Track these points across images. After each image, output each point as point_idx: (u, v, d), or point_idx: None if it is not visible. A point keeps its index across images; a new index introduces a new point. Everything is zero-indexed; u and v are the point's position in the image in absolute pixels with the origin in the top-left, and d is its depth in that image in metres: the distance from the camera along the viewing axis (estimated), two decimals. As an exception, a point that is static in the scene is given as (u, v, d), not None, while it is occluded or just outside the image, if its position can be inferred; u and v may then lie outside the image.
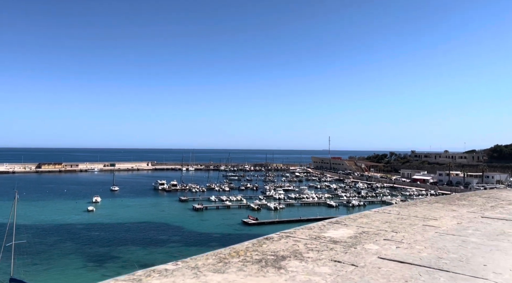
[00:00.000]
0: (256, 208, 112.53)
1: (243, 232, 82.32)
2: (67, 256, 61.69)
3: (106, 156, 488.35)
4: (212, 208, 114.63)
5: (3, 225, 72.12)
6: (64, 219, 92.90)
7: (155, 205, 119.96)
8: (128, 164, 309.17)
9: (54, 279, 50.26)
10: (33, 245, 64.75)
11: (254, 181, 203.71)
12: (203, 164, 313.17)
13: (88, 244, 69.63)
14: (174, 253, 64.45)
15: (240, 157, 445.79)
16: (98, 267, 56.19)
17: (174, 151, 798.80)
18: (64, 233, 78.42)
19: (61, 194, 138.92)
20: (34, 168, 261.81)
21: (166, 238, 75.67)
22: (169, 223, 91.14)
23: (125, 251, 64.94)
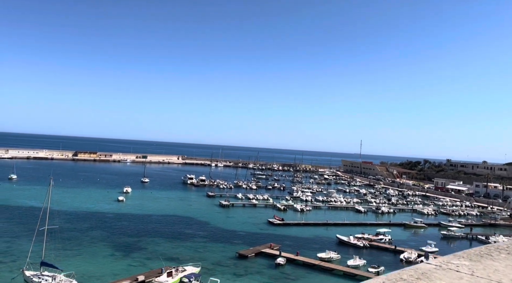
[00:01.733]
0: (283, 208, 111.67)
1: (268, 232, 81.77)
2: (96, 243, 63.38)
3: (139, 148, 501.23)
4: (238, 206, 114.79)
5: (38, 210, 75.15)
6: (95, 207, 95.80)
7: (183, 199, 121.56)
8: (159, 157, 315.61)
9: (82, 265, 51.68)
10: (64, 230, 67.05)
11: (281, 181, 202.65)
12: (231, 161, 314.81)
13: (117, 233, 71.30)
14: (199, 248, 64.86)
15: (269, 156, 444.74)
16: (125, 257, 57.32)
17: (204, 147, 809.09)
18: (94, 221, 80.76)
19: (94, 183, 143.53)
20: (71, 156, 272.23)
21: (192, 232, 76.29)
22: (195, 217, 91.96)
23: (152, 243, 65.95)
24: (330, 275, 55.10)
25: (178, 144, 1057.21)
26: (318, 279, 53.07)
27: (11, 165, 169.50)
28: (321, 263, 58.85)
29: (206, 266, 54.61)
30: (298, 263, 59.41)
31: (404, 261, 64.70)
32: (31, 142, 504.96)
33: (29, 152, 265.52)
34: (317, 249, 67.30)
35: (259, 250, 63.84)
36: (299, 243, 73.09)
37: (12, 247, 58.21)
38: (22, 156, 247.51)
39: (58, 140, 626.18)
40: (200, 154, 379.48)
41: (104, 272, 50.15)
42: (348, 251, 68.89)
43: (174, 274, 47.74)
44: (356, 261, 60.38)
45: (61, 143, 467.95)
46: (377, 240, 77.44)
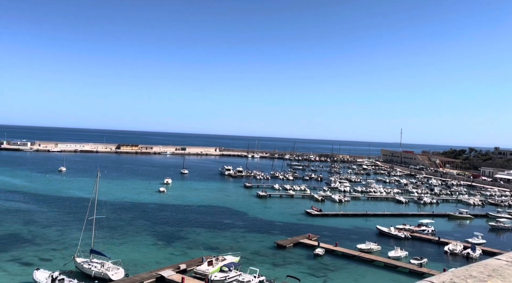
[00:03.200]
0: (320, 199, 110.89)
1: (306, 222, 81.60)
2: (140, 233, 66.03)
3: (178, 140, 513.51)
4: (275, 196, 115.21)
5: (86, 200, 79.22)
6: (138, 198, 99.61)
7: (221, 189, 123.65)
8: (198, 149, 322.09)
9: (128, 253, 54.11)
10: (111, 220, 70.36)
11: (318, 171, 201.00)
12: (268, 152, 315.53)
13: (159, 223, 73.89)
14: (238, 238, 65.94)
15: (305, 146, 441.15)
16: (167, 246, 59.36)
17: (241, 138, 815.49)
18: (138, 211, 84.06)
19: (137, 175, 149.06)
20: (114, 149, 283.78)
21: (231, 222, 77.60)
22: (233, 208, 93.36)
23: (192, 233, 67.80)
24: (370, 266, 54.30)
25: (215, 136, 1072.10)
26: (358, 270, 52.47)
27: (61, 158, 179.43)
28: (361, 254, 58.08)
29: (245, 255, 55.47)
30: (337, 254, 58.98)
31: (449, 253, 62.53)
32: (77, 136, 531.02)
33: (76, 145, 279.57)
34: (356, 240, 66.43)
35: (297, 240, 63.94)
36: (338, 234, 72.43)
37: (64, 235, 61.90)
38: (70, 150, 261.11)
39: (102, 133, 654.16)
40: (236, 146, 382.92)
41: (148, 260, 52.25)
42: (389, 242, 67.48)
43: (214, 263, 48.89)
44: (398, 252, 59.05)
45: (105, 136, 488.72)
46: (420, 231, 75.24)
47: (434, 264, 55.64)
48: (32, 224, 67.92)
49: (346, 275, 50.29)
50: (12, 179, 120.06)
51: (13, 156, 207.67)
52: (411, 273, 51.66)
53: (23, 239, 58.75)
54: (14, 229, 64.34)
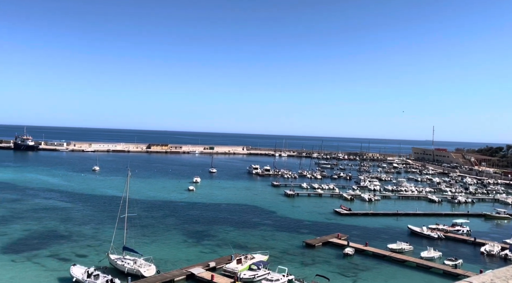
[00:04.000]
0: (349, 198, 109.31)
1: (335, 222, 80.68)
2: (170, 231, 67.37)
3: (206, 140, 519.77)
4: (303, 195, 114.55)
5: (118, 199, 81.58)
6: (168, 197, 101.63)
7: (249, 188, 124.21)
8: (225, 148, 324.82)
9: (159, 250, 55.34)
10: (142, 218, 72.21)
11: (347, 170, 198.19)
12: (295, 151, 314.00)
13: (188, 221, 75.11)
14: (266, 236, 66.05)
15: (333, 145, 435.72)
16: (197, 244, 60.26)
17: (268, 137, 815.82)
18: (167, 209, 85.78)
19: (166, 173, 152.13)
20: (144, 148, 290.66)
21: (259, 221, 77.81)
22: (262, 206, 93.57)
23: (221, 231, 68.50)
24: (402, 267, 53.05)
25: (243, 135, 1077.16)
26: (389, 270, 51.38)
27: (94, 158, 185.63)
28: (392, 254, 56.84)
29: (273, 254, 55.50)
30: (368, 253, 57.98)
31: (485, 254, 60.16)
32: (110, 136, 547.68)
33: (108, 145, 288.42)
34: (387, 240, 65.08)
35: (326, 239, 63.34)
36: (368, 233, 71.18)
37: (98, 233, 64.06)
38: (102, 149, 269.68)
39: (133, 133, 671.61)
40: (263, 145, 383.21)
41: (178, 257, 53.25)
42: (421, 242, 65.68)
43: (243, 261, 49.20)
44: (431, 253, 57.37)
45: (136, 136, 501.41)
46: (454, 232, 72.77)
47: (469, 266, 53.70)
48: (68, 222, 70.69)
49: (376, 275, 49.36)
50: (50, 178, 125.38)
51: (50, 156, 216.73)
52: (445, 275, 50.06)
53: (60, 236, 61.26)
54: (52, 226, 67.19)
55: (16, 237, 59.24)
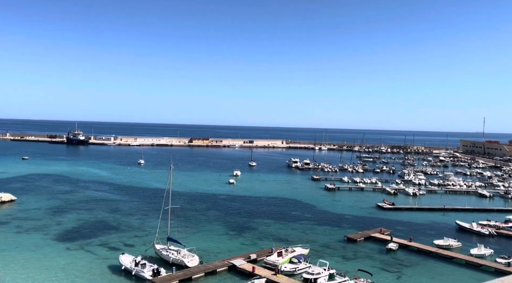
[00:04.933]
0: (393, 192, 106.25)
1: (378, 216, 78.80)
2: (212, 222, 68.90)
3: (245, 133, 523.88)
4: (344, 189, 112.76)
5: (162, 191, 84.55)
6: (209, 189, 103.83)
7: (288, 182, 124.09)
8: (265, 142, 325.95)
9: (201, 242, 56.80)
10: (185, 210, 74.38)
11: (390, 163, 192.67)
12: (336, 144, 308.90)
13: (229, 213, 76.42)
14: (306, 230, 65.83)
15: (376, 138, 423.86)
16: (238, 236, 61.23)
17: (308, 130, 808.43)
18: (209, 201, 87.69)
19: (208, 167, 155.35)
20: (187, 142, 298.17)
21: (299, 214, 77.66)
22: (302, 200, 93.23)
23: (261, 224, 69.10)
24: (449, 264, 50.96)
25: (282, 128, 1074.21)
26: (435, 267, 49.56)
27: (139, 152, 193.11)
28: (438, 251, 54.73)
29: (314, 248, 55.26)
30: (412, 249, 56.22)
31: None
32: (154, 131, 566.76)
33: (153, 139, 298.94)
34: (433, 236, 62.74)
35: (368, 234, 62.10)
36: (412, 228, 68.94)
37: (144, 223, 66.80)
38: (147, 143, 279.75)
39: (176, 128, 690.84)
40: (303, 138, 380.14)
41: (220, 248, 54.42)
42: (471, 239, 62.69)
43: (284, 254, 49.41)
44: (481, 250, 54.60)
45: (178, 131, 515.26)
46: (507, 228, 68.71)
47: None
48: (117, 213, 74.25)
49: (422, 272, 47.79)
50: (99, 171, 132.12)
51: (99, 150, 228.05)
52: (497, 273, 47.51)
53: (109, 226, 64.53)
54: (102, 216, 70.90)
55: (70, 227, 63.12)
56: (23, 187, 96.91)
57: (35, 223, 64.81)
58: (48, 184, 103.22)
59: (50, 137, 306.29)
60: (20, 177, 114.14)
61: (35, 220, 66.43)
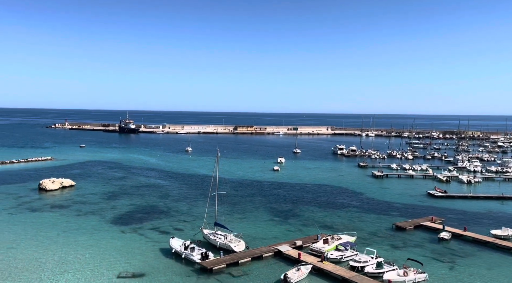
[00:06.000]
0: (445, 179, 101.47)
1: (428, 204, 75.75)
2: (258, 209, 69.76)
3: (289, 121, 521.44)
4: (393, 176, 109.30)
5: (209, 178, 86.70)
6: (254, 176, 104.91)
7: (334, 169, 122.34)
8: (309, 128, 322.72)
9: (247, 227, 57.80)
10: (231, 196, 75.85)
11: (442, 150, 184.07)
12: (384, 130, 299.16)
13: (274, 200, 76.91)
14: (353, 218, 64.82)
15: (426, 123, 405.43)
16: (283, 222, 61.58)
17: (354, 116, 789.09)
18: (254, 188, 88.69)
19: (252, 154, 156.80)
20: (231, 130, 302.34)
21: (345, 202, 76.53)
22: (347, 187, 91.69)
23: (306, 211, 68.93)
24: (508, 255, 48.07)
25: (327, 115, 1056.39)
26: (492, 258, 46.97)
27: (186, 139, 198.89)
28: (496, 241, 51.76)
29: (361, 236, 54.36)
30: (467, 239, 53.62)
31: None
32: (200, 119, 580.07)
33: (199, 127, 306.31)
34: (489, 225, 59.39)
35: (418, 222, 59.98)
36: (466, 217, 65.63)
37: (192, 209, 69.04)
38: (194, 131, 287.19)
39: (221, 116, 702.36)
40: (349, 124, 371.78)
41: (265, 234, 55.07)
42: (533, 230, 58.55)
43: (330, 241, 49.07)
44: (544, 242, 50.93)
45: (223, 118, 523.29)
46: None
47: None
48: (166, 198, 77.30)
49: (477, 262, 45.50)
50: (149, 158, 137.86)
51: (149, 138, 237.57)
52: (562, 267, 44.18)
53: (160, 211, 67.40)
54: (153, 202, 74.15)
55: (124, 211, 66.68)
56: (81, 173, 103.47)
57: (93, 207, 69.14)
58: (103, 171, 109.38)
59: (104, 126, 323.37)
60: (78, 164, 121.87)
61: (93, 204, 70.87)
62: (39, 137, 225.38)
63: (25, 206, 68.87)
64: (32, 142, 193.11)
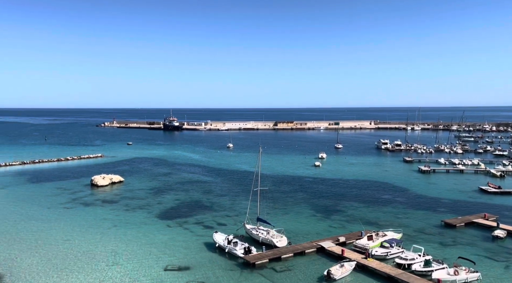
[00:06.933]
0: (499, 174, 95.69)
1: (481, 201, 71.85)
2: (299, 204, 69.50)
3: (330, 115, 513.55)
4: (441, 171, 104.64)
5: (251, 174, 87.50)
6: (295, 172, 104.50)
7: (377, 164, 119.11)
8: (351, 123, 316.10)
9: (289, 223, 57.81)
10: (273, 192, 76.11)
11: (496, 143, 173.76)
12: (430, 123, 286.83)
13: (316, 196, 76.25)
14: (398, 214, 62.89)
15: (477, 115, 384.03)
16: (325, 218, 60.94)
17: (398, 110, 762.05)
18: (296, 184, 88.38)
19: (293, 150, 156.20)
20: (272, 126, 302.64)
21: (390, 198, 74.36)
22: (392, 183, 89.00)
23: (349, 207, 67.74)
24: None
25: (369, 108, 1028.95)
26: (553, 259, 43.80)
27: (228, 136, 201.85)
28: (557, 241, 48.22)
29: (407, 232, 52.65)
30: (524, 238, 50.38)
31: None
32: (240, 116, 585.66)
33: (240, 124, 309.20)
34: (550, 224, 55.36)
35: (469, 219, 57.11)
36: (524, 215, 61.56)
37: (234, 204, 70.07)
38: (234, 128, 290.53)
39: (261, 112, 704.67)
40: (393, 118, 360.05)
41: (308, 230, 54.80)
42: None
43: (374, 238, 47.97)
44: None
45: (263, 114, 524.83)
46: None
47: None
48: (209, 193, 79.00)
49: (536, 263, 42.62)
50: (193, 155, 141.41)
51: (192, 135, 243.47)
52: None
53: (203, 206, 69.04)
54: (196, 197, 76.07)
55: (169, 206, 68.96)
56: (129, 170, 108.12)
57: (140, 202, 72.12)
58: (149, 167, 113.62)
59: (149, 124, 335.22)
60: (126, 160, 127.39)
61: (140, 200, 73.91)
62: (90, 136, 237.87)
63: (79, 201, 73.14)
64: (84, 140, 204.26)
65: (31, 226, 56.93)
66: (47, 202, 71.44)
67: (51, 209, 66.52)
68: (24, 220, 60.16)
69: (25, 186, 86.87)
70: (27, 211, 65.56)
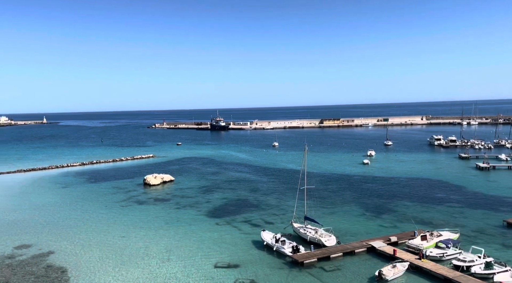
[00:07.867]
0: None
1: (549, 200, 66.27)
2: (348, 203, 68.08)
3: (379, 111, 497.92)
4: (501, 168, 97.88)
5: (297, 172, 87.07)
6: (342, 170, 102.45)
7: (430, 161, 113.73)
8: (401, 119, 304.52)
9: (337, 222, 56.82)
10: (319, 190, 75.21)
11: None
12: (489, 117, 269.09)
13: (365, 194, 74.28)
14: (454, 213, 59.70)
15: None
16: (376, 217, 59.19)
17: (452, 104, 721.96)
18: (343, 182, 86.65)
19: (340, 147, 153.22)
20: (317, 124, 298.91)
21: (444, 196, 70.73)
22: (447, 181, 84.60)
23: (401, 205, 65.29)
24: None
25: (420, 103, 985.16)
26: None
27: (273, 134, 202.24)
28: None
29: (465, 233, 49.83)
30: None
31: None
32: (285, 114, 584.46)
33: (285, 122, 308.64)
34: None
35: (536, 220, 52.95)
36: None
37: (281, 203, 70.07)
38: (279, 126, 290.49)
39: (306, 110, 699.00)
40: (447, 113, 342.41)
41: (357, 230, 53.54)
42: None
43: (428, 238, 45.89)
44: None
45: (309, 112, 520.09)
46: None
47: None
48: (256, 192, 79.64)
49: None
50: (239, 154, 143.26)
51: (238, 134, 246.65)
52: None
53: (250, 204, 69.72)
54: (244, 195, 76.98)
55: (218, 204, 70.39)
56: (179, 169, 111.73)
57: (190, 200, 74.28)
58: (198, 166, 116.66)
59: (197, 124, 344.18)
60: (176, 160, 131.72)
61: (190, 198, 76.12)
62: (142, 137, 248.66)
63: (133, 199, 76.76)
64: (137, 142, 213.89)
65: (90, 223, 60.66)
66: (104, 201, 75.71)
67: (108, 207, 70.44)
68: (85, 218, 64.22)
69: (84, 185, 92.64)
70: (87, 209, 69.93)
